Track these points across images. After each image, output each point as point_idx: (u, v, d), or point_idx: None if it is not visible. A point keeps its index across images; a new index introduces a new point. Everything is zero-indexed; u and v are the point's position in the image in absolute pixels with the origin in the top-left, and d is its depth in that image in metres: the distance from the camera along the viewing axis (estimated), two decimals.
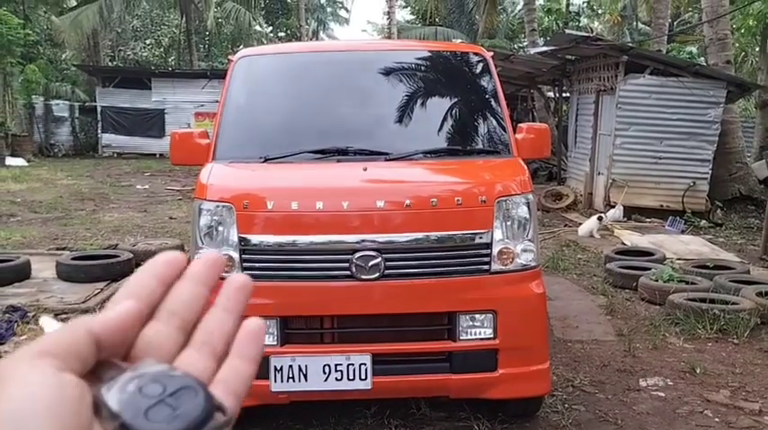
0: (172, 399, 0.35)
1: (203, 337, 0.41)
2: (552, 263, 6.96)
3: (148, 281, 0.41)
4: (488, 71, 3.75)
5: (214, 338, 0.41)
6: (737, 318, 4.75)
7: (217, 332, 0.41)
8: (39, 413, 0.33)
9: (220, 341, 0.41)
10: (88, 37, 23.58)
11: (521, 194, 3.05)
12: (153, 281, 0.41)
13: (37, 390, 0.33)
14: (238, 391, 0.40)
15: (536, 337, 3.09)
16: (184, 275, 0.43)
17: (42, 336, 0.37)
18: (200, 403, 0.36)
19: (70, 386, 0.34)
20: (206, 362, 0.40)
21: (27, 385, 0.33)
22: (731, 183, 10.29)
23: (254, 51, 4.16)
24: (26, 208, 10.37)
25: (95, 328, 0.37)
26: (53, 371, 0.34)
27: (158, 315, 0.41)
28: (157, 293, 0.41)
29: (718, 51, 10.57)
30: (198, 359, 0.40)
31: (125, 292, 0.41)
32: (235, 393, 0.40)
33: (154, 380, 0.36)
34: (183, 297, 0.42)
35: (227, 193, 3.02)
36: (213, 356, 0.41)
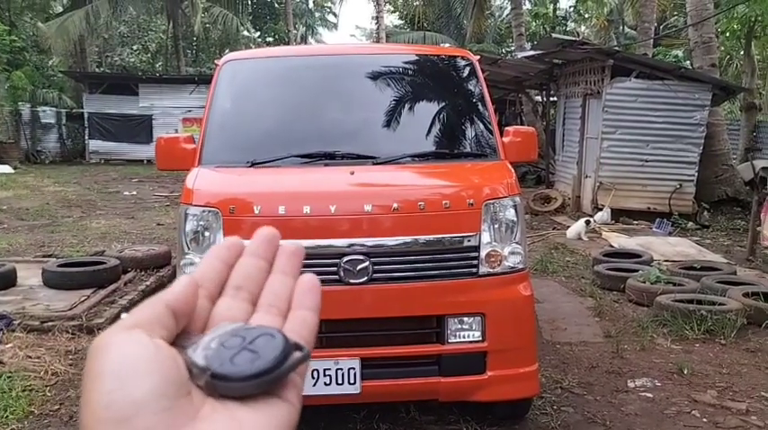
0: (252, 346, 0.38)
1: (269, 300, 0.45)
2: (541, 265, 6.98)
3: (213, 263, 0.46)
4: (475, 75, 3.76)
5: (278, 299, 0.45)
6: (724, 318, 4.78)
7: (280, 293, 0.45)
8: (141, 368, 0.36)
9: (284, 301, 0.45)
10: (75, 43, 23.41)
11: (508, 197, 3.06)
12: (217, 262, 0.46)
13: (136, 350, 0.37)
14: (305, 336, 0.43)
15: (524, 339, 3.10)
16: (246, 251, 0.47)
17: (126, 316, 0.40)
18: (279, 344, 0.39)
19: (165, 347, 0.38)
20: (274, 320, 0.44)
21: (127, 347, 0.37)
22: (717, 185, 10.39)
23: (239, 55, 4.14)
24: (12, 215, 10.26)
25: (169, 301, 0.41)
26: (146, 336, 0.38)
27: (226, 291, 0.45)
28: (223, 273, 0.45)
29: (704, 54, 10.69)
30: (267, 319, 0.44)
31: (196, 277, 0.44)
32: (303, 338, 0.43)
33: (233, 334, 0.39)
34: (246, 271, 0.46)
35: (213, 198, 3.00)
36: (280, 315, 0.45)
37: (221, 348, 0.38)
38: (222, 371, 0.37)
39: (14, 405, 3.58)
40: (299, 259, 0.48)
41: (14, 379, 3.86)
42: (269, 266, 0.46)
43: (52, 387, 3.87)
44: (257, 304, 0.45)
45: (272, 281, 0.46)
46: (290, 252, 0.48)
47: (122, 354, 0.37)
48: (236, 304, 0.44)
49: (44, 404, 3.66)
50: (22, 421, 3.45)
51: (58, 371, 4.06)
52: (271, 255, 0.47)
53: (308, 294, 0.46)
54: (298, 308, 0.45)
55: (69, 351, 4.38)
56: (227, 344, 0.39)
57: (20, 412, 3.52)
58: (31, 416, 3.52)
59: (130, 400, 0.35)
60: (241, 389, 0.38)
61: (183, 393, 0.37)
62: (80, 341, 4.56)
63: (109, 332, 0.38)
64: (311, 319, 0.45)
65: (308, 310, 0.45)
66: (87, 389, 0.36)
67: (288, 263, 0.47)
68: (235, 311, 0.44)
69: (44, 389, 3.82)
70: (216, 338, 0.39)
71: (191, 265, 2.97)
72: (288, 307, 0.45)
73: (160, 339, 0.38)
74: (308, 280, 0.46)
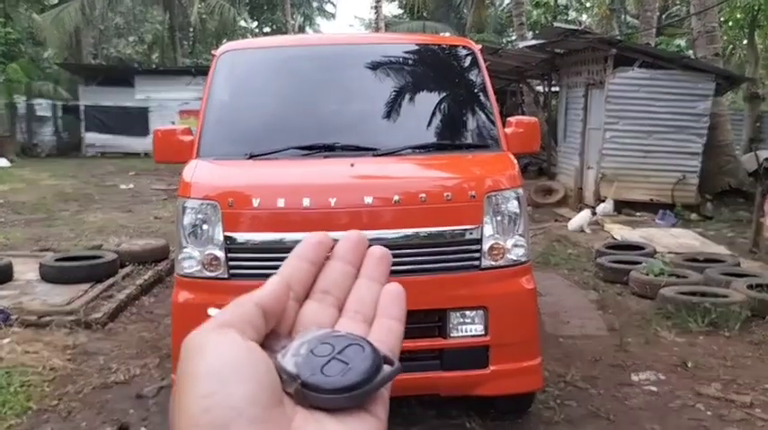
0: (342, 356, 0.38)
1: (355, 306, 0.45)
2: (543, 258, 6.94)
3: (301, 264, 0.45)
4: (477, 64, 3.69)
5: (365, 306, 0.45)
6: (728, 311, 4.74)
7: (366, 300, 0.45)
8: (237, 371, 0.35)
9: (370, 307, 0.45)
10: (70, 35, 23.24)
11: (511, 189, 3.01)
12: (305, 264, 0.45)
13: (232, 353, 0.36)
14: (392, 347, 0.43)
15: (527, 333, 3.06)
16: (333, 255, 0.47)
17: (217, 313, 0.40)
18: (369, 356, 0.38)
19: (257, 350, 0.38)
20: (360, 327, 0.44)
21: (222, 349, 0.36)
22: (721, 176, 10.33)
23: (237, 45, 4.07)
24: (9, 209, 10.21)
25: (260, 300, 0.40)
26: (240, 337, 0.37)
27: (313, 295, 0.45)
28: (311, 274, 0.45)
29: (707, 44, 10.60)
30: (353, 326, 0.43)
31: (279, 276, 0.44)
32: (390, 349, 0.42)
33: (322, 341, 0.39)
34: (334, 276, 0.46)
35: (211, 191, 2.95)
36: (366, 322, 0.44)
37: (311, 355, 0.38)
38: (313, 381, 0.37)
39: (12, 400, 3.55)
40: (386, 264, 0.48)
41: (12, 374, 3.83)
42: (356, 271, 0.47)
43: (50, 382, 3.84)
44: (343, 309, 0.45)
45: (358, 286, 0.46)
46: (378, 257, 0.48)
47: (219, 356, 0.36)
48: (323, 308, 0.44)
49: (42, 399, 3.63)
50: (20, 416, 3.43)
51: (56, 366, 4.03)
52: (358, 260, 0.47)
53: (395, 303, 0.45)
54: (383, 316, 0.45)
55: (67, 346, 4.35)
56: (317, 351, 0.39)
57: (18, 407, 3.50)
58: (29, 411, 3.50)
59: (229, 405, 0.34)
60: (332, 402, 0.37)
61: (276, 402, 0.36)
62: (78, 336, 4.52)
63: (202, 331, 0.38)
64: (397, 329, 0.45)
65: (394, 320, 0.45)
66: (182, 390, 0.36)
67: (376, 268, 0.47)
68: (322, 316, 0.44)
69: (42, 385, 3.79)
70: (305, 344, 0.39)
71: (189, 259, 2.93)
72: (373, 314, 0.45)
73: (252, 341, 0.38)
74: (394, 289, 0.46)
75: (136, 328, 4.85)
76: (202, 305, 3.13)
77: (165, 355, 4.23)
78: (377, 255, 0.48)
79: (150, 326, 4.91)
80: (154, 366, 4.11)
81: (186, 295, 2.96)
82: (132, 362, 4.17)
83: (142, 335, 4.70)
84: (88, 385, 3.82)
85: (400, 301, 0.46)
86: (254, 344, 0.38)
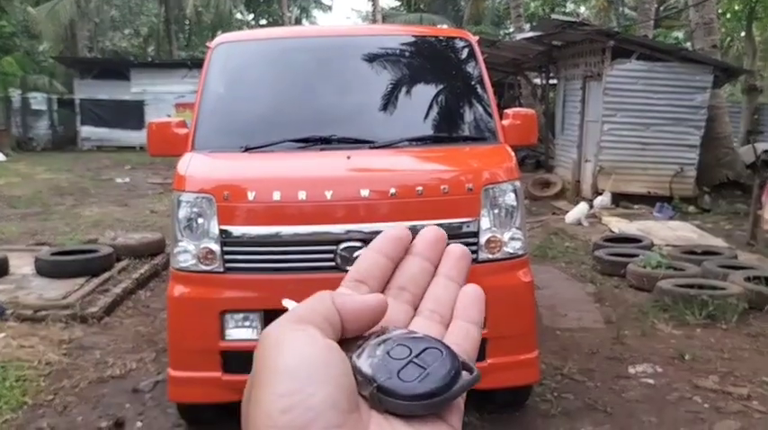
0: (420, 360, 0.36)
1: (432, 306, 0.43)
2: (540, 251, 6.93)
3: (378, 258, 0.43)
4: (474, 56, 3.67)
5: (442, 306, 0.43)
6: (726, 303, 4.74)
7: (444, 299, 0.43)
8: (317, 371, 0.34)
9: (447, 307, 0.43)
10: (65, 28, 23.07)
11: (508, 182, 2.99)
12: (383, 258, 0.43)
13: (311, 351, 0.35)
14: (469, 352, 0.41)
15: (524, 326, 3.05)
16: (411, 251, 0.45)
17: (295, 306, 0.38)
18: (448, 362, 0.37)
19: (336, 349, 0.36)
20: (436, 328, 0.42)
21: (303, 346, 0.35)
22: (719, 168, 10.32)
23: (232, 37, 4.04)
24: (4, 203, 10.16)
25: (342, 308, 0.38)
26: (320, 334, 0.36)
27: (389, 291, 0.43)
28: (388, 269, 0.44)
29: (705, 36, 10.57)
30: (428, 326, 0.42)
31: (358, 271, 0.43)
32: (466, 353, 0.40)
33: (399, 343, 0.37)
34: (412, 272, 0.44)
35: (206, 184, 2.93)
36: (442, 323, 0.43)
37: (387, 357, 0.37)
38: (390, 385, 0.35)
39: (8, 395, 3.54)
40: (466, 263, 0.46)
41: (8, 369, 3.82)
42: (433, 269, 0.45)
43: (46, 377, 3.83)
44: (419, 308, 0.43)
45: (435, 284, 0.44)
46: (458, 256, 0.45)
47: (300, 354, 0.35)
48: (399, 305, 0.43)
49: (38, 394, 3.61)
50: (15, 411, 3.41)
51: (51, 360, 4.01)
52: (436, 258, 0.45)
53: (474, 306, 0.44)
54: (461, 318, 0.43)
55: (63, 340, 4.33)
56: (393, 353, 0.37)
57: (13, 402, 3.48)
58: (24, 406, 3.48)
59: (309, 406, 0.33)
60: (408, 409, 0.36)
61: (354, 406, 0.35)
62: (74, 330, 4.51)
63: (280, 326, 0.36)
64: (475, 334, 0.43)
65: (472, 324, 0.43)
66: (260, 386, 0.34)
67: (454, 267, 0.45)
68: (397, 313, 0.42)
69: (38, 379, 3.77)
70: (382, 344, 0.38)
71: (184, 253, 2.91)
72: (450, 314, 0.43)
73: (330, 340, 0.37)
74: (474, 290, 0.44)
75: (132, 322, 4.83)
76: (198, 299, 3.09)
77: (161, 350, 4.21)
78: (456, 253, 0.46)
79: (146, 320, 4.90)
80: (150, 360, 4.09)
81: (182, 289, 2.95)
82: (128, 356, 4.16)
83: (138, 329, 4.69)
84: (84, 379, 3.81)
85: (480, 304, 0.44)
86: (332, 343, 0.36)
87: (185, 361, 2.96)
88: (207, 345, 2.89)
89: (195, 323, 2.91)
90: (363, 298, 0.40)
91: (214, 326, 2.86)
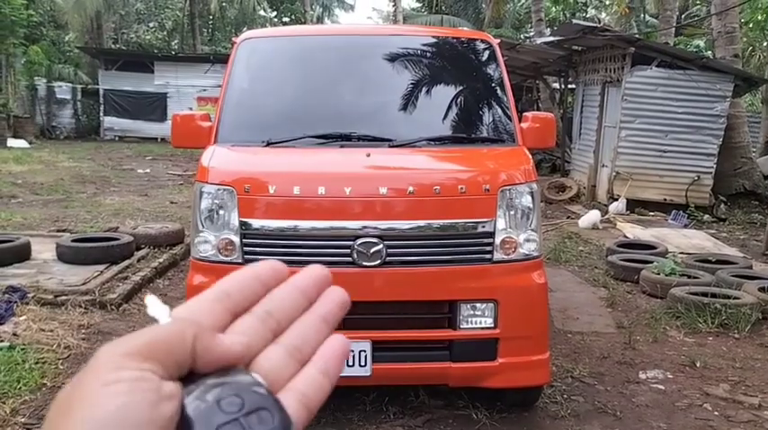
0: (246, 420, 0.34)
1: (296, 342, 0.41)
2: (554, 254, 6.93)
3: (251, 281, 0.42)
4: (495, 59, 3.70)
5: (306, 345, 0.41)
6: (739, 312, 4.73)
7: (310, 340, 0.42)
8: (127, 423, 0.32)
9: (311, 349, 0.41)
10: (91, 19, 23.42)
11: (525, 183, 3.02)
12: (255, 282, 0.42)
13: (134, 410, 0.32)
14: (312, 406, 0.39)
15: (536, 327, 3.08)
16: (290, 281, 0.43)
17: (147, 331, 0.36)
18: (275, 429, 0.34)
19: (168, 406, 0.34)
20: (292, 366, 0.40)
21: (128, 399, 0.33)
22: (736, 178, 10.23)
23: (257, 33, 4.11)
24: (27, 189, 10.35)
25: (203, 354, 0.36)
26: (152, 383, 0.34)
27: (255, 310, 0.41)
28: (258, 294, 0.42)
29: (726, 45, 10.47)
30: (285, 362, 0.40)
31: (226, 286, 0.41)
32: (308, 407, 0.39)
33: (235, 393, 0.35)
34: (284, 302, 0.42)
35: (228, 177, 2.99)
36: (300, 362, 0.41)
37: (215, 407, 0.34)
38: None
39: (27, 376, 3.62)
40: (343, 311, 0.44)
41: (28, 351, 3.91)
42: (307, 304, 0.43)
43: (65, 360, 3.91)
44: (281, 338, 0.41)
45: (306, 321, 0.42)
46: (339, 301, 0.44)
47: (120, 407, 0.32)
48: (260, 330, 0.40)
49: (56, 377, 3.69)
50: (34, 392, 3.50)
51: (70, 344, 4.10)
52: (314, 295, 0.44)
53: (336, 360, 0.42)
54: (317, 367, 0.41)
55: (82, 325, 4.42)
56: (224, 404, 0.34)
57: (32, 384, 3.56)
58: (43, 388, 3.56)
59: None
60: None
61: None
62: (93, 316, 4.60)
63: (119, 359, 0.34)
64: (325, 389, 0.41)
65: (328, 378, 0.41)
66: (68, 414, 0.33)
67: (332, 311, 0.43)
68: (254, 337, 0.40)
69: (56, 363, 3.86)
70: (216, 388, 0.35)
71: (204, 243, 2.97)
72: (310, 355, 0.41)
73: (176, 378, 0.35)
74: (341, 343, 0.42)
75: None
76: None
77: None
78: (338, 297, 0.44)
79: None
80: None
81: (201, 278, 3.01)
82: None
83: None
84: None
85: (343, 360, 0.42)
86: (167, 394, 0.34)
87: None
88: None
89: None
90: (228, 347, 0.37)
91: None
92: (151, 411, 0.33)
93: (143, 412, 0.33)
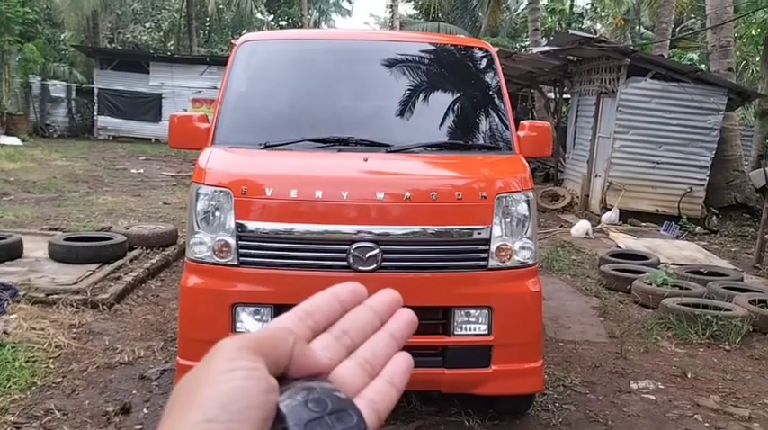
0: (331, 419, 0.39)
1: (367, 355, 0.45)
2: (547, 263, 6.96)
3: (331, 300, 0.47)
4: (493, 67, 3.72)
5: (376, 359, 0.45)
6: (730, 324, 4.76)
7: (380, 354, 0.46)
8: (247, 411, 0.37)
9: (381, 363, 0.45)
10: (88, 18, 23.36)
11: (521, 191, 3.04)
12: (335, 301, 0.47)
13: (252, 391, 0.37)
14: (381, 413, 0.43)
15: (530, 335, 3.09)
16: (366, 303, 0.48)
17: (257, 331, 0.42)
18: (353, 428, 0.39)
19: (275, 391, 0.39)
20: (362, 377, 0.44)
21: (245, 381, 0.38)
22: (728, 190, 10.32)
23: (257, 36, 4.11)
24: (19, 187, 10.28)
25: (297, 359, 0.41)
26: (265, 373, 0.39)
27: (333, 330, 0.46)
28: (337, 312, 0.46)
29: (721, 58, 10.58)
30: (356, 373, 0.44)
31: (307, 306, 0.46)
32: (378, 414, 0.43)
33: (321, 394, 0.40)
34: (359, 322, 0.47)
35: (225, 178, 2.98)
36: (370, 375, 0.45)
37: (304, 406, 0.39)
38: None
39: (18, 375, 3.59)
40: (411, 330, 0.48)
41: (18, 349, 3.88)
42: (380, 324, 0.47)
43: (55, 359, 3.89)
44: (354, 353, 0.45)
45: (377, 338, 0.47)
46: (407, 320, 0.48)
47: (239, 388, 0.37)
48: (336, 347, 0.45)
49: (47, 376, 3.67)
50: (24, 391, 3.47)
51: (61, 343, 4.07)
52: (386, 316, 0.48)
53: (402, 374, 0.46)
54: (386, 378, 0.45)
55: (73, 324, 4.39)
56: (311, 404, 0.39)
57: (23, 382, 3.54)
58: (33, 387, 3.53)
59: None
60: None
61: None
62: (84, 315, 4.57)
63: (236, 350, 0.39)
64: (393, 397, 0.45)
65: (394, 388, 0.45)
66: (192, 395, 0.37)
67: (400, 329, 0.48)
68: (332, 353, 0.44)
69: (47, 361, 3.83)
70: (304, 391, 0.40)
71: (200, 244, 2.96)
72: (380, 370, 0.45)
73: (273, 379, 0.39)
74: (407, 359, 0.47)
75: (141, 311, 4.90)
76: (211, 290, 3.14)
77: (169, 338, 4.27)
78: (407, 318, 0.48)
79: (156, 309, 4.96)
80: (158, 349, 4.15)
81: (195, 280, 3.00)
82: (137, 343, 4.22)
83: (147, 317, 4.76)
84: (92, 364, 3.86)
85: (407, 373, 0.46)
86: (274, 384, 0.39)
87: (194, 350, 3.00)
88: (217, 336, 2.88)
89: (207, 313, 2.96)
90: (317, 357, 0.43)
91: (225, 317, 2.90)
92: (262, 397, 0.38)
93: (256, 396, 0.37)
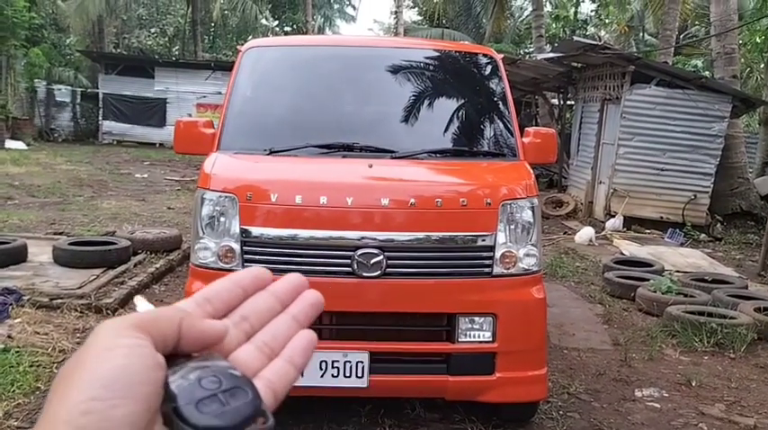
0: (224, 396, 0.38)
1: (266, 338, 0.45)
2: (551, 270, 6.94)
3: (232, 286, 0.46)
4: (498, 73, 3.73)
5: (275, 341, 0.45)
6: (735, 332, 4.74)
7: (280, 336, 0.45)
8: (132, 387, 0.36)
9: (281, 344, 0.45)
10: (93, 23, 23.48)
11: (526, 198, 3.03)
12: (236, 287, 0.46)
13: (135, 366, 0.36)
14: (279, 392, 0.43)
15: (535, 342, 3.08)
16: (268, 288, 0.47)
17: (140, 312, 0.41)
18: (248, 407, 0.38)
19: (161, 367, 0.38)
20: (260, 359, 0.44)
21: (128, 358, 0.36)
22: (732, 198, 10.29)
23: (263, 42, 4.13)
24: (24, 191, 10.32)
25: (186, 333, 0.40)
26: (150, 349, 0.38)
27: (232, 316, 0.45)
28: (238, 298, 0.46)
29: (725, 65, 10.58)
30: (254, 356, 0.44)
31: (206, 293, 0.45)
32: (275, 393, 0.43)
33: (213, 374, 0.39)
34: (260, 307, 0.46)
35: (230, 184, 2.99)
36: (269, 357, 0.44)
37: (196, 385, 0.38)
38: (186, 411, 0.37)
39: (21, 379, 3.59)
40: (315, 312, 0.47)
41: (22, 354, 3.88)
42: (281, 309, 0.46)
43: (59, 364, 3.88)
44: (253, 337, 0.45)
45: (279, 321, 0.46)
46: (311, 302, 0.47)
47: (123, 365, 0.36)
48: (235, 332, 0.44)
49: (50, 380, 3.66)
50: (28, 396, 3.47)
51: (65, 348, 4.07)
52: (289, 300, 0.47)
53: (303, 351, 0.45)
54: (286, 360, 0.44)
55: (77, 329, 4.40)
56: (204, 382, 0.39)
57: (26, 387, 3.54)
58: (37, 391, 3.53)
59: (108, 417, 0.34)
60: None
61: (151, 424, 0.37)
62: (88, 320, 4.57)
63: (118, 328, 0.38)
64: (292, 377, 0.44)
65: (294, 367, 0.44)
66: (74, 382, 0.36)
67: (303, 310, 0.47)
68: (230, 338, 0.43)
69: (51, 366, 3.83)
70: (198, 370, 0.39)
71: (204, 250, 2.97)
72: (280, 350, 0.45)
73: (160, 356, 0.38)
74: (309, 337, 0.46)
75: None
76: None
77: None
78: (311, 299, 0.47)
79: None
80: None
81: (200, 285, 2.99)
82: None
83: None
84: None
85: (309, 351, 0.45)
86: (160, 361, 0.38)
87: None
88: None
89: None
90: (207, 325, 0.41)
91: None
92: (148, 373, 0.37)
93: (141, 373, 0.36)
